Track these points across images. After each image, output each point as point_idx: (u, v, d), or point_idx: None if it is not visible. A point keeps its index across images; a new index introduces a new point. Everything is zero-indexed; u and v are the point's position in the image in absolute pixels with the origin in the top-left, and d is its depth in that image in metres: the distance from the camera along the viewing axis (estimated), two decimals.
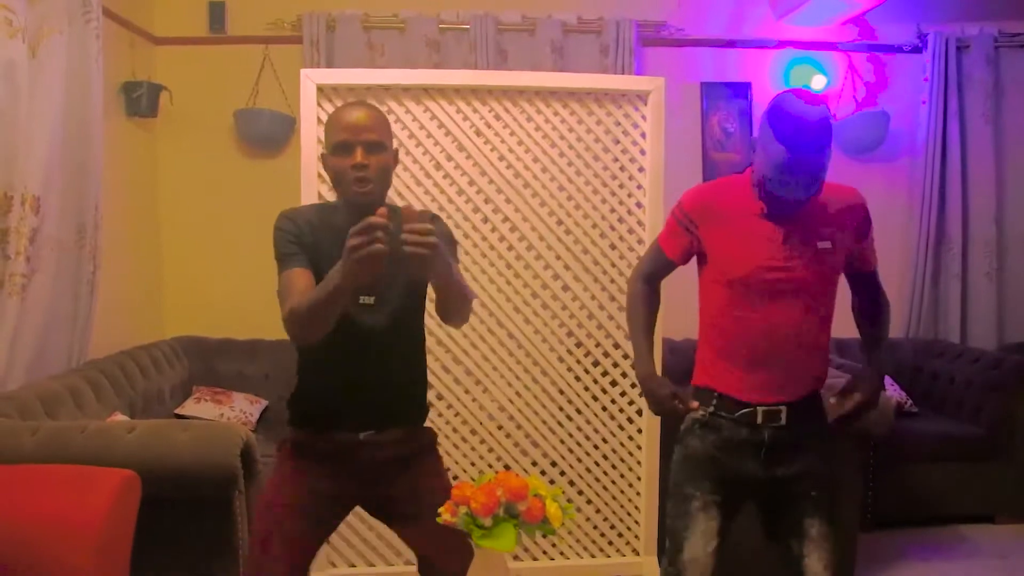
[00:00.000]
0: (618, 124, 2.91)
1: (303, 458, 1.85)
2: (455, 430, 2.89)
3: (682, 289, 2.45)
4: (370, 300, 1.78)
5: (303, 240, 1.77)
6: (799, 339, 1.79)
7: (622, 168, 2.92)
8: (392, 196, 2.79)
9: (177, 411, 3.49)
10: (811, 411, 1.86)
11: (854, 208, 1.83)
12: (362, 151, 1.72)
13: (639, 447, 2.95)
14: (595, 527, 2.97)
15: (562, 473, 2.93)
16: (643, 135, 2.90)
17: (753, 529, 1.94)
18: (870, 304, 1.96)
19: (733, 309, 1.82)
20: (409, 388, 1.92)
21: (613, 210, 2.92)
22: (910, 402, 3.95)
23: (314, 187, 2.72)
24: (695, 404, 1.89)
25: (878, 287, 1.96)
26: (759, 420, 1.81)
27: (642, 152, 2.91)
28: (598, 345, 2.93)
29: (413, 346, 1.92)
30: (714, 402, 1.86)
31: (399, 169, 2.80)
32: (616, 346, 2.93)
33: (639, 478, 2.96)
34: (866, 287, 1.96)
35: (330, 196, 2.75)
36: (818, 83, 4.32)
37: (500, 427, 2.91)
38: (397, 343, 1.84)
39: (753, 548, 2.03)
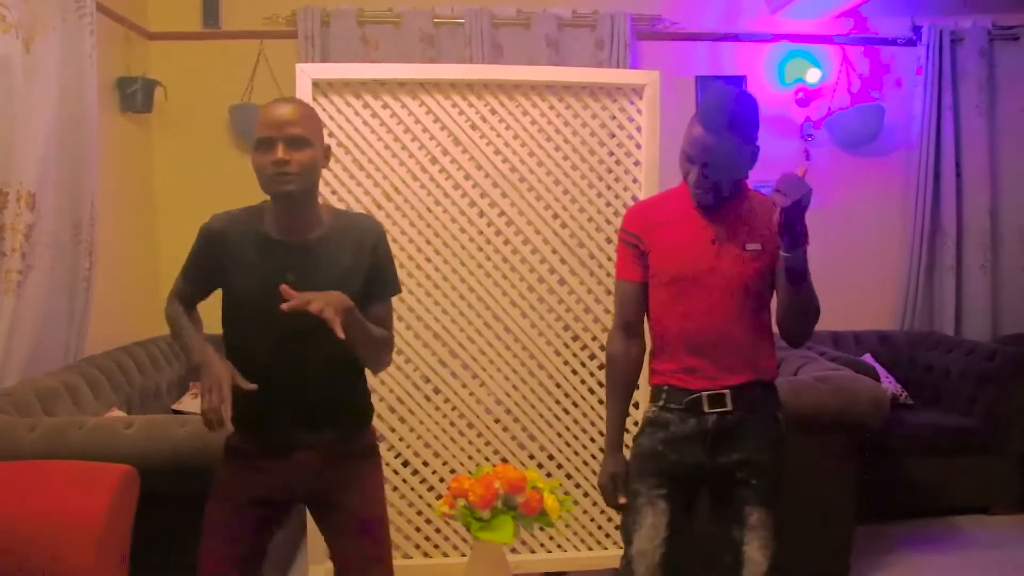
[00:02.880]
0: (613, 118, 2.91)
1: (238, 457, 1.86)
2: (452, 424, 2.90)
3: None
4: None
5: (208, 255, 1.82)
6: (735, 328, 1.87)
7: (617, 162, 2.92)
8: (389, 192, 2.79)
9: (174, 407, 3.49)
10: (756, 399, 1.90)
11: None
12: (283, 147, 1.69)
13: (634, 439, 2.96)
14: (592, 519, 2.98)
15: (559, 466, 2.94)
16: (638, 129, 2.91)
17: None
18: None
19: (672, 306, 1.90)
20: (339, 388, 1.87)
21: (609, 204, 2.93)
22: (905, 394, 3.97)
23: None
24: (621, 501, 1.96)
25: None
26: (705, 407, 1.87)
27: (637, 146, 2.92)
28: (594, 339, 2.94)
29: (340, 352, 1.80)
30: (663, 395, 1.93)
31: (395, 164, 2.81)
32: None
33: None
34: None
35: (325, 190, 2.76)
36: (813, 76, 4.32)
37: (497, 420, 2.92)
38: (323, 342, 1.71)
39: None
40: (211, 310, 1.90)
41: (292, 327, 1.70)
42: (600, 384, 2.94)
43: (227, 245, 1.80)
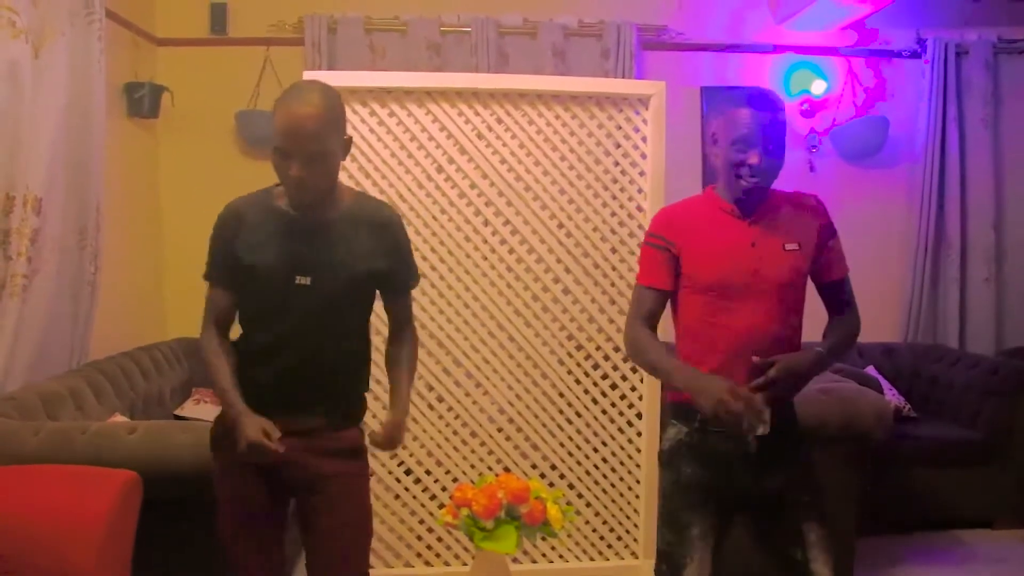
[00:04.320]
0: (619, 128, 2.92)
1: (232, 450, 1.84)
2: (455, 432, 2.89)
3: None
4: (306, 280, 1.75)
5: (228, 242, 1.79)
6: (773, 339, 1.82)
7: (623, 172, 2.93)
8: (394, 200, 2.80)
9: (176, 412, 3.49)
10: (790, 414, 1.89)
11: (816, 211, 1.92)
12: (299, 165, 1.64)
13: (639, 450, 2.96)
14: (594, 530, 2.97)
15: (562, 476, 2.93)
16: (644, 139, 2.91)
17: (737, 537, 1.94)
18: (835, 324, 1.97)
19: (707, 315, 1.85)
20: (347, 371, 1.86)
21: (614, 214, 2.93)
22: (908, 407, 3.96)
23: None
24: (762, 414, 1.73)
25: (848, 301, 1.98)
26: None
27: (643, 156, 2.92)
28: (598, 348, 2.93)
29: (349, 339, 1.85)
30: (698, 416, 1.83)
31: (401, 172, 2.81)
32: (616, 349, 2.94)
33: (638, 481, 2.96)
34: (835, 300, 1.97)
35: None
36: (818, 88, 4.33)
37: (500, 430, 2.91)
38: (331, 331, 1.77)
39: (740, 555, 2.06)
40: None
41: (306, 304, 1.72)
42: (603, 394, 2.94)
43: (244, 223, 1.79)
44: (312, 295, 1.72)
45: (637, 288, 1.96)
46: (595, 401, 2.94)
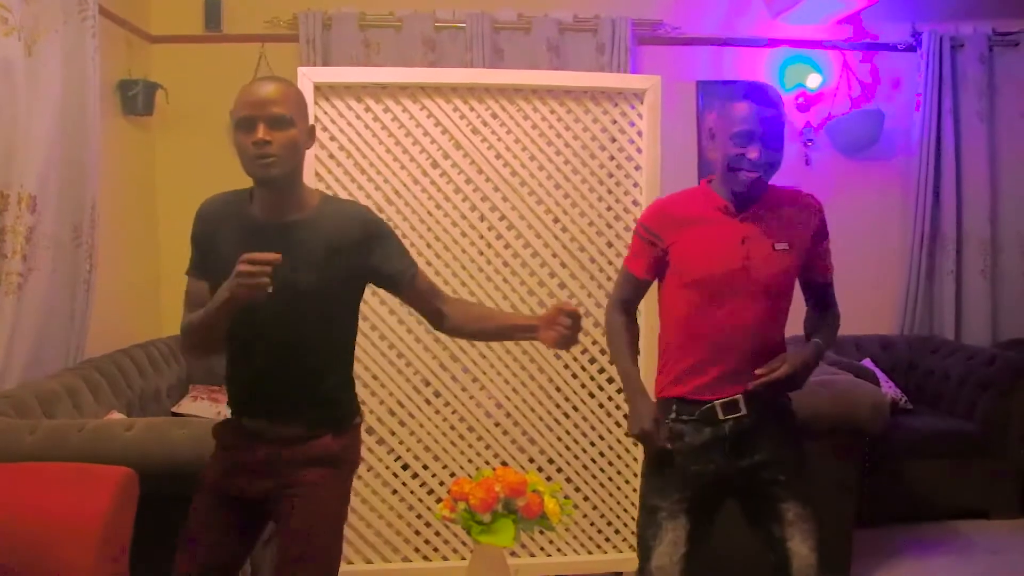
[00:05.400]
0: (614, 122, 2.92)
1: (222, 445, 1.86)
2: (452, 427, 2.90)
3: None
4: (275, 285, 1.67)
5: (203, 237, 1.81)
6: (756, 334, 1.85)
7: (618, 166, 2.93)
8: (390, 196, 2.80)
9: (173, 409, 3.49)
10: (768, 399, 1.90)
11: (811, 211, 1.92)
12: (264, 127, 1.65)
13: (635, 443, 2.96)
14: (591, 523, 2.98)
15: (559, 470, 2.94)
16: (639, 133, 2.91)
17: (731, 525, 1.97)
18: (819, 318, 2.02)
19: (693, 310, 1.87)
20: (322, 379, 1.81)
21: (609, 208, 2.93)
22: (905, 399, 3.97)
23: (311, 185, 2.70)
24: (668, 445, 1.89)
25: (830, 303, 2.02)
26: (720, 415, 1.85)
27: (638, 150, 2.92)
28: (595, 343, 2.93)
29: (323, 342, 1.80)
30: (674, 408, 1.91)
31: (396, 168, 2.81)
32: None
33: (636, 474, 2.97)
34: (819, 300, 2.02)
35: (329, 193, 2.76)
36: (813, 82, 4.33)
37: (497, 424, 2.92)
38: (302, 336, 1.73)
39: (734, 543, 2.07)
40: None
41: (275, 309, 1.69)
42: (599, 387, 2.94)
43: (217, 226, 1.80)
44: (275, 301, 1.66)
45: (623, 268, 2.04)
46: (592, 395, 2.94)
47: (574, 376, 2.93)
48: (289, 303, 1.71)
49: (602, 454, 2.96)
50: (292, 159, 1.72)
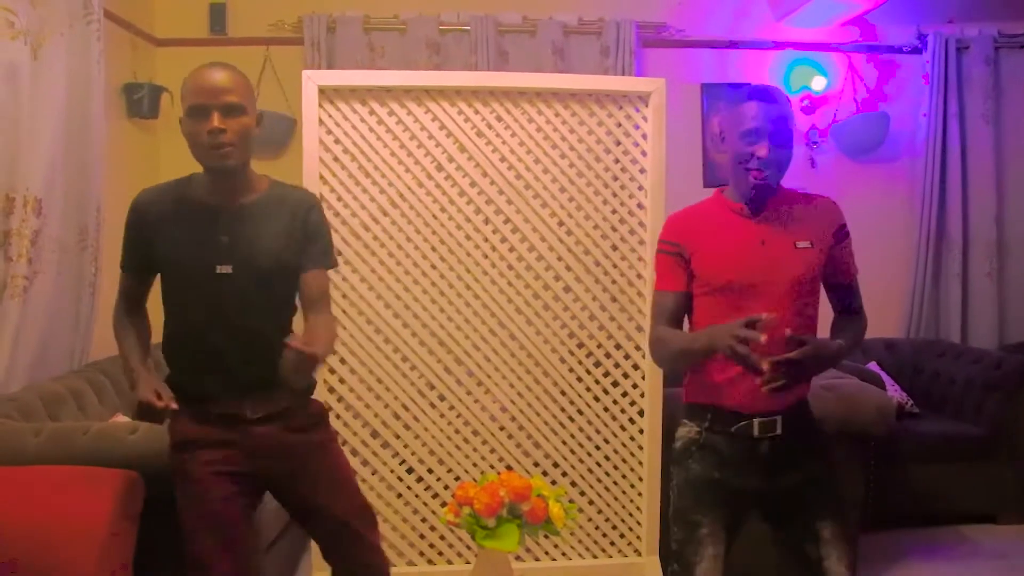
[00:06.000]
0: (619, 125, 2.91)
1: (189, 447, 1.84)
2: (457, 431, 2.89)
3: None
4: (227, 269, 1.75)
5: (145, 228, 1.81)
6: (787, 340, 1.78)
7: (623, 169, 2.92)
8: (394, 199, 2.79)
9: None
10: (803, 417, 1.88)
11: (831, 212, 1.92)
12: (219, 115, 1.68)
13: (641, 447, 2.95)
14: (597, 528, 2.97)
15: (564, 474, 2.93)
16: (644, 136, 2.90)
17: (749, 537, 1.95)
18: (846, 323, 1.98)
19: (721, 316, 1.82)
20: (276, 361, 1.82)
21: (615, 211, 2.92)
22: (911, 402, 3.96)
23: (316, 188, 2.72)
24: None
25: (857, 307, 1.99)
26: (756, 433, 1.82)
27: (643, 153, 2.91)
28: (600, 346, 2.93)
29: (282, 319, 1.85)
30: (709, 417, 1.86)
31: (401, 171, 2.81)
32: (618, 347, 2.93)
33: (641, 479, 2.96)
34: (845, 304, 1.99)
35: (331, 196, 2.76)
36: (818, 84, 4.32)
37: (502, 428, 2.91)
38: (260, 315, 1.78)
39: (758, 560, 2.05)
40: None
41: (231, 292, 1.72)
42: (605, 391, 2.94)
43: (158, 215, 1.81)
44: (235, 283, 1.71)
45: (655, 295, 1.96)
46: (597, 399, 2.94)
47: (579, 380, 2.93)
48: (245, 288, 1.74)
49: (607, 458, 2.95)
50: (246, 146, 1.76)
